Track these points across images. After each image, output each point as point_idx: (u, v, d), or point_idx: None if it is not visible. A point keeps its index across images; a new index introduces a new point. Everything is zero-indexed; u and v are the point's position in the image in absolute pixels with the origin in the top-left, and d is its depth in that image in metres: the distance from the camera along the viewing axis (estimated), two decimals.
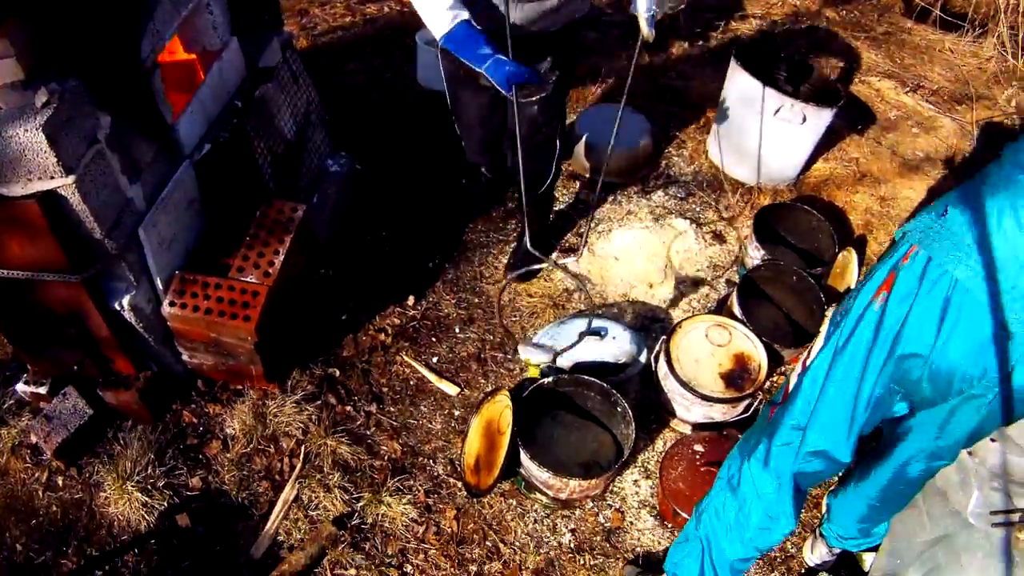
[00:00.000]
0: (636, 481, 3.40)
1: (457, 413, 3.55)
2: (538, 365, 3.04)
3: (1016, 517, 2.69)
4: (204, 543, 3.12)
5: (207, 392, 3.50)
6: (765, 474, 2.38)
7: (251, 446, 3.35)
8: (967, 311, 1.89)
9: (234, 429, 3.38)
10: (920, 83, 5.50)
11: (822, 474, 2.34)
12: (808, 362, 2.28)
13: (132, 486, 3.16)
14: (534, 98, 3.02)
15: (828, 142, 4.86)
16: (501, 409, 3.26)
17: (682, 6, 3.03)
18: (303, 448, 3.35)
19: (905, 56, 5.74)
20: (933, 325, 1.94)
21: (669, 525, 3.27)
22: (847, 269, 4.08)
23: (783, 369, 3.77)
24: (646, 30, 2.68)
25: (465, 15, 2.72)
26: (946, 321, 1.92)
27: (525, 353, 3.04)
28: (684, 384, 3.28)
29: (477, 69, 2.73)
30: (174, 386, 3.49)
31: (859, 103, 5.29)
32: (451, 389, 3.60)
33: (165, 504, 3.17)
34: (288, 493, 3.24)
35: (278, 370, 3.51)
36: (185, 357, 3.47)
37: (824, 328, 2.31)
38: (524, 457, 3.11)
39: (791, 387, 2.35)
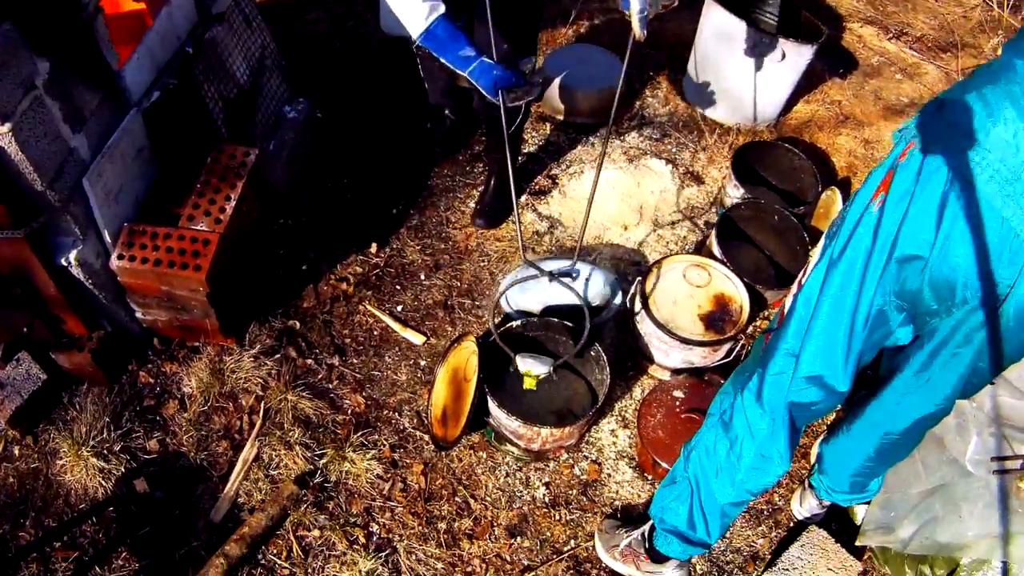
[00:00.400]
0: (613, 431, 3.16)
1: (423, 363, 3.30)
2: (537, 376, 2.82)
3: (1017, 464, 2.48)
4: (163, 508, 2.88)
5: (163, 351, 3.24)
6: (758, 408, 2.14)
7: (209, 405, 3.10)
8: (967, 206, 1.65)
9: (191, 388, 3.13)
10: (903, 30, 5.22)
11: (818, 406, 2.09)
12: (803, 279, 2.03)
13: (88, 452, 2.91)
14: (521, 102, 2.80)
15: (809, 84, 4.61)
16: (468, 356, 3.01)
17: (675, 4, 2.83)
18: (263, 405, 3.09)
19: (887, 3, 5.45)
20: (932, 222, 1.71)
21: (649, 477, 3.04)
22: (831, 209, 3.83)
23: (766, 313, 3.52)
24: (638, 30, 2.55)
25: (442, 8, 2.52)
26: (945, 218, 1.68)
27: (524, 365, 2.82)
28: (661, 326, 3.03)
29: (460, 72, 2.56)
30: (129, 346, 3.23)
31: (841, 49, 5.02)
32: (417, 338, 3.35)
33: (122, 469, 2.93)
34: (248, 452, 3.00)
35: (235, 324, 3.25)
36: (139, 314, 3.21)
37: (820, 243, 2.05)
38: (492, 405, 2.87)
39: (786, 309, 2.10)
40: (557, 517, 2.94)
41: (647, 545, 2.66)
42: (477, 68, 2.58)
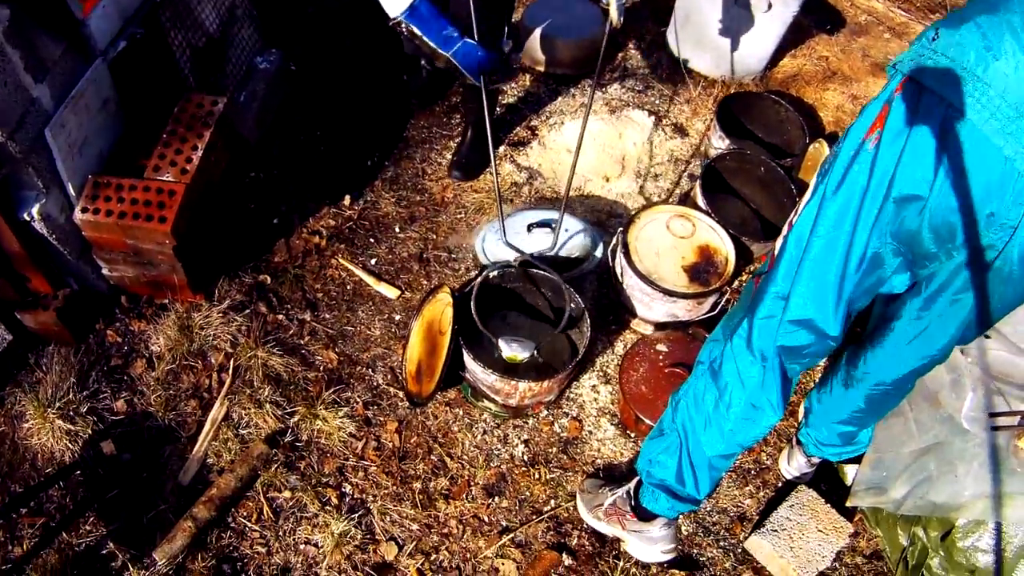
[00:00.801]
0: (595, 387, 2.99)
1: (398, 317, 3.11)
2: (522, 361, 2.64)
3: (1015, 421, 2.32)
4: (130, 470, 2.69)
5: (131, 308, 3.04)
6: (748, 354, 1.97)
7: (177, 363, 2.90)
8: (968, 143, 1.48)
9: (159, 346, 2.93)
10: None
11: (808, 350, 1.91)
12: (795, 219, 1.85)
13: (54, 414, 2.72)
14: (503, 85, 2.64)
15: (796, 39, 4.40)
16: (443, 308, 2.82)
17: None
18: (232, 362, 2.90)
19: None
20: (930, 161, 1.54)
21: (631, 434, 2.87)
22: (819, 162, 3.63)
23: (752, 268, 3.34)
24: (616, 18, 2.52)
25: None
26: (944, 156, 1.51)
27: (508, 351, 2.63)
28: (644, 278, 2.85)
29: (441, 52, 2.44)
30: (96, 304, 3.03)
31: (828, 6, 4.79)
32: (391, 292, 3.15)
33: (89, 431, 2.74)
34: (217, 411, 2.81)
35: (204, 279, 3.05)
36: (105, 271, 3.01)
37: (811, 182, 1.87)
38: (468, 359, 2.69)
39: (776, 251, 1.92)
40: (537, 476, 2.77)
41: (633, 503, 2.49)
42: (460, 50, 2.46)
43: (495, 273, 2.85)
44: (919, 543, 2.56)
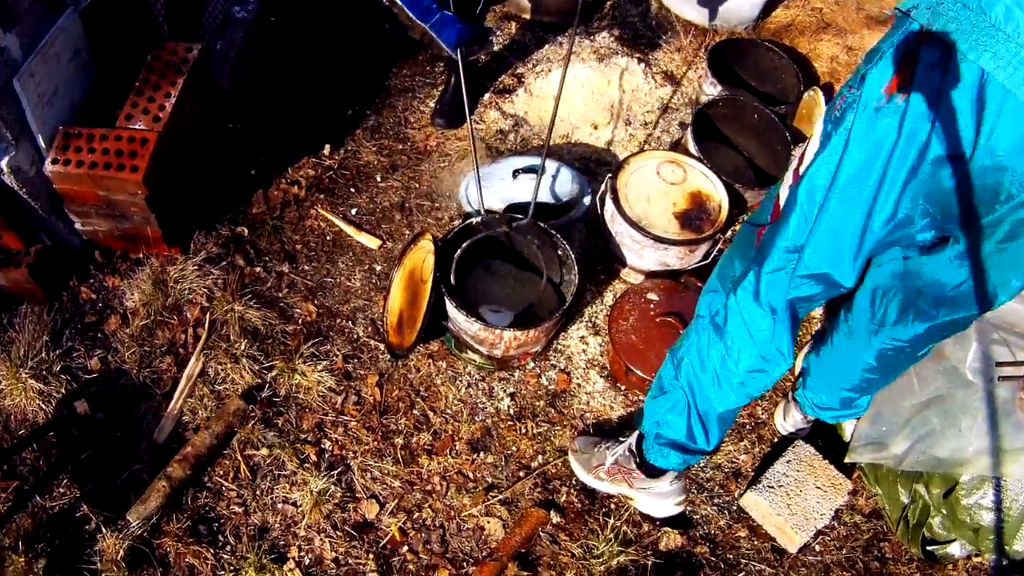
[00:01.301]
0: (583, 338, 2.79)
1: (379, 268, 2.91)
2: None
3: (1022, 371, 2.13)
4: (104, 430, 2.51)
5: (105, 264, 2.83)
6: (757, 308, 1.77)
7: (152, 319, 2.70)
8: (1008, 109, 1.31)
9: (134, 301, 2.73)
10: None
11: (819, 296, 1.72)
12: (802, 170, 1.64)
13: (27, 374, 2.52)
14: (477, 55, 2.50)
15: None
16: (424, 256, 2.62)
17: None
18: (208, 316, 2.70)
19: None
20: (970, 119, 1.36)
21: (622, 387, 2.68)
22: (814, 111, 3.41)
23: (745, 217, 3.13)
24: None
25: None
26: (986, 113, 1.33)
27: (490, 320, 2.45)
28: (634, 224, 2.64)
29: (420, 23, 2.40)
30: (69, 260, 2.82)
31: None
32: (372, 242, 2.94)
33: (63, 391, 2.55)
34: (192, 367, 2.62)
35: (179, 232, 2.84)
36: (78, 225, 2.80)
37: (817, 128, 1.65)
38: (450, 307, 2.49)
39: (782, 201, 1.71)
40: (523, 430, 2.58)
41: (637, 460, 2.31)
42: (439, 22, 2.39)
43: (477, 220, 2.65)
44: (920, 501, 2.38)
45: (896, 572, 2.45)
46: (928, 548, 2.42)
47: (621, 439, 2.38)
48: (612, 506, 2.47)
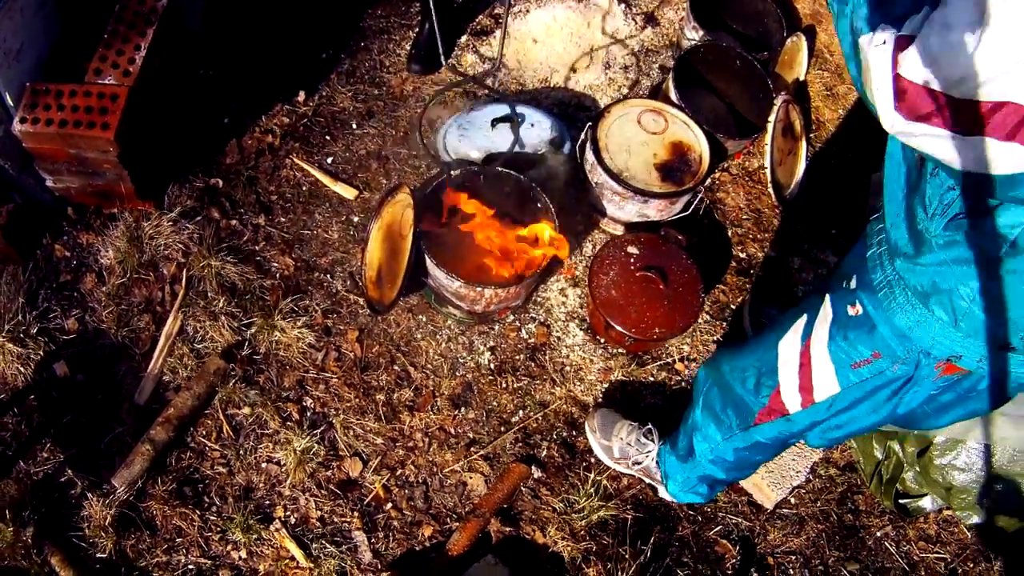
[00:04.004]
0: (563, 290, 2.50)
1: (356, 219, 2.59)
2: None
3: None
4: (85, 392, 2.25)
5: (79, 220, 2.50)
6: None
7: (128, 276, 2.40)
8: None
9: (109, 259, 2.42)
10: None
11: None
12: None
13: (3, 337, 2.24)
14: None
15: None
16: (403, 210, 2.30)
17: None
18: (185, 272, 2.40)
19: None
20: None
21: (601, 340, 2.40)
22: (796, 58, 3.05)
23: (726, 164, 2.78)
24: None
25: None
26: None
27: None
28: (614, 176, 2.31)
29: None
30: (42, 218, 2.49)
31: None
32: (349, 192, 2.61)
33: (41, 353, 2.27)
34: (171, 326, 2.33)
35: (152, 186, 2.50)
36: (50, 183, 2.46)
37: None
38: (430, 264, 2.19)
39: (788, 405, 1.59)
40: (504, 385, 2.33)
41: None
42: None
43: (456, 173, 2.31)
44: (894, 457, 2.16)
45: (869, 524, 2.26)
46: (900, 501, 2.21)
47: (640, 426, 2.17)
48: (592, 460, 2.23)
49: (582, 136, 2.48)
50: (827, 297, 1.44)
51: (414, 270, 2.26)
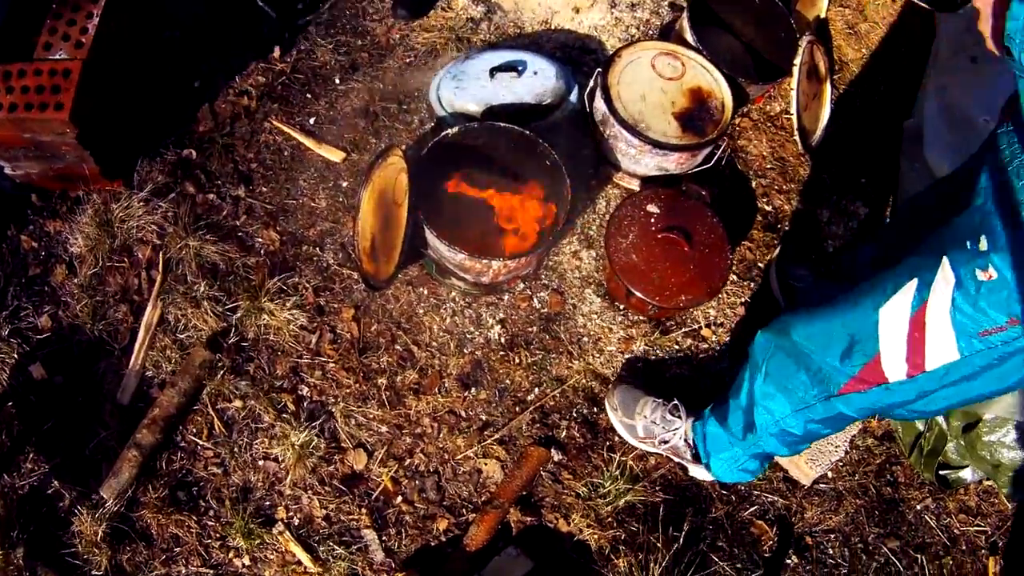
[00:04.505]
0: (576, 253, 2.24)
1: (345, 184, 2.31)
2: None
3: None
4: (64, 395, 2.02)
5: (44, 207, 2.23)
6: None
7: (100, 264, 2.15)
8: None
9: (79, 247, 2.16)
10: None
11: None
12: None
13: None
14: None
15: None
16: (396, 175, 2.04)
17: None
18: (161, 256, 2.15)
19: None
20: None
21: (620, 307, 2.15)
22: None
23: (747, 109, 2.48)
24: None
25: None
26: None
27: None
28: (629, 127, 2.03)
29: None
30: (4, 207, 2.23)
31: None
32: (335, 155, 2.32)
33: (15, 356, 2.03)
34: (150, 316, 2.09)
35: (119, 163, 2.23)
36: (8, 170, 2.21)
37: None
38: (430, 235, 1.93)
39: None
40: (517, 361, 2.09)
41: (694, 451, 1.92)
42: None
43: (454, 131, 2.03)
44: (937, 429, 1.97)
45: (908, 497, 2.06)
46: (940, 473, 2.02)
47: (665, 402, 1.93)
48: (616, 439, 2.01)
49: (591, 84, 2.18)
50: (944, 260, 1.21)
51: (412, 241, 2.00)
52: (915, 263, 1.27)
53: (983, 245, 1.15)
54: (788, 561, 1.98)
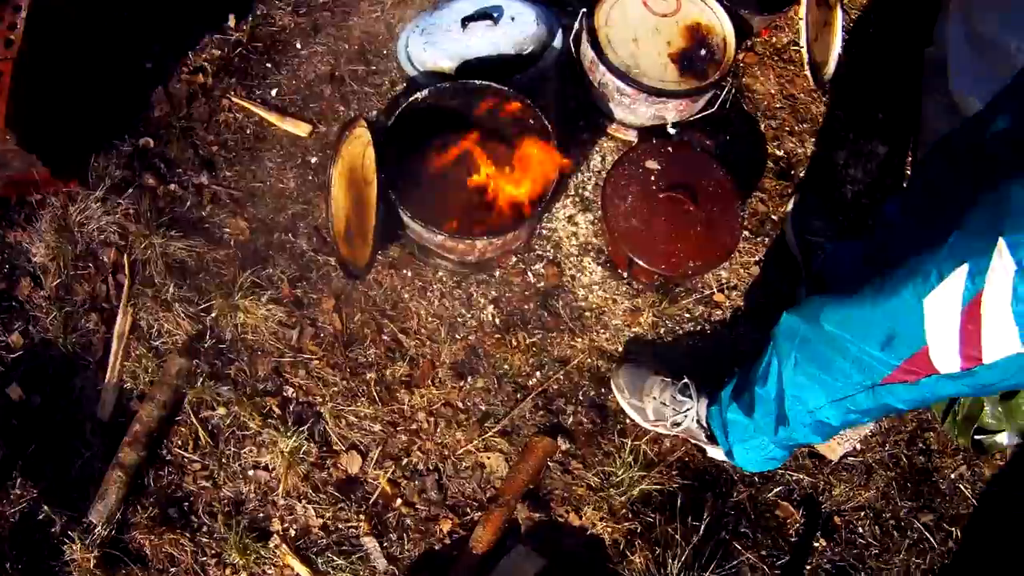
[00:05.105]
0: (571, 217, 1.98)
1: (314, 161, 2.06)
2: None
3: None
4: (44, 415, 1.85)
5: (1, 217, 2.03)
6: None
7: (66, 273, 1.95)
8: None
9: (41, 256, 1.96)
10: None
11: None
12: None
13: None
14: None
15: None
16: (363, 150, 1.79)
17: None
18: (126, 258, 1.94)
19: None
20: None
21: (624, 274, 1.90)
22: None
23: (750, 42, 2.15)
24: None
25: None
26: None
27: None
28: (621, 74, 1.75)
29: None
30: None
31: None
32: (301, 129, 2.07)
33: None
34: (121, 324, 1.91)
35: (72, 162, 2.01)
36: None
37: None
38: (405, 218, 1.70)
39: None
40: (514, 343, 1.87)
41: (708, 432, 1.71)
42: None
43: (422, 95, 1.76)
44: None
45: (942, 466, 1.84)
46: (976, 438, 1.79)
47: (674, 380, 1.72)
48: (627, 421, 1.80)
49: (576, 26, 1.88)
50: (1001, 243, 0.96)
51: (387, 221, 1.77)
52: (962, 243, 1.01)
53: None
54: (816, 544, 1.78)
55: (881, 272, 1.15)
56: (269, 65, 2.13)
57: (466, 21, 1.92)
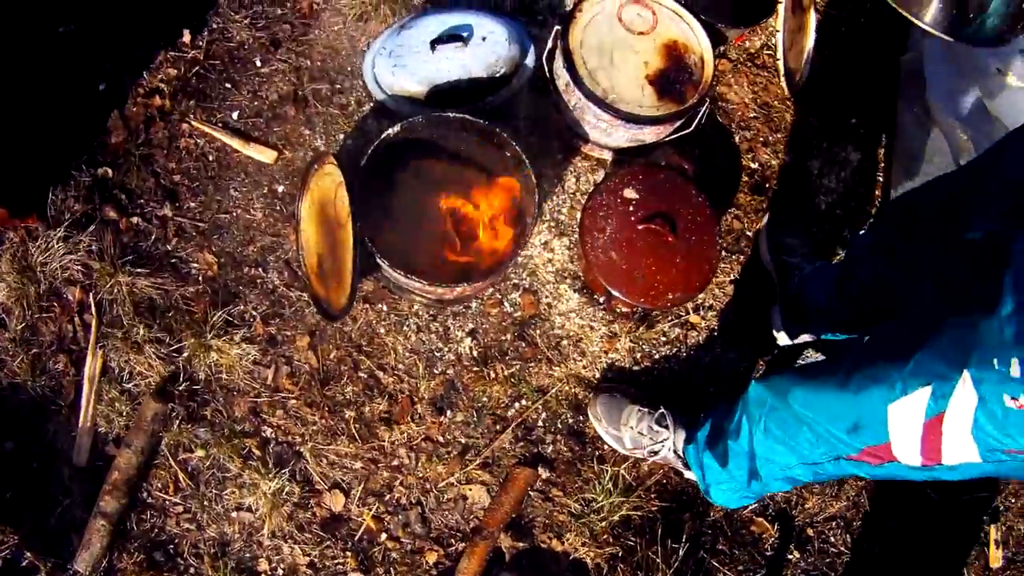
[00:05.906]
0: (546, 243, 1.89)
1: (281, 189, 1.93)
2: None
3: None
4: (19, 461, 1.76)
5: None
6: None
7: (30, 314, 1.83)
8: None
9: (3, 297, 1.84)
10: None
11: None
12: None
13: None
14: None
15: None
16: (334, 187, 1.68)
17: None
18: (92, 297, 1.83)
19: None
20: None
21: (600, 299, 1.82)
22: None
23: (723, 48, 2.02)
24: None
25: None
26: None
27: None
28: (598, 101, 1.63)
29: None
30: None
31: None
32: (266, 155, 1.93)
33: None
34: (91, 367, 1.81)
35: (27, 197, 1.86)
36: None
37: None
38: (384, 265, 1.60)
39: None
40: (492, 375, 1.80)
41: (684, 461, 1.67)
42: None
43: (396, 131, 1.63)
44: None
45: None
46: None
47: (651, 411, 1.67)
48: (605, 448, 1.75)
49: (550, 43, 1.76)
50: (967, 376, 0.93)
51: (360, 256, 1.67)
52: (927, 364, 0.98)
53: (1015, 370, 0.86)
54: (790, 556, 1.77)
55: (848, 362, 1.12)
56: (228, 85, 1.98)
57: (435, 44, 1.78)
